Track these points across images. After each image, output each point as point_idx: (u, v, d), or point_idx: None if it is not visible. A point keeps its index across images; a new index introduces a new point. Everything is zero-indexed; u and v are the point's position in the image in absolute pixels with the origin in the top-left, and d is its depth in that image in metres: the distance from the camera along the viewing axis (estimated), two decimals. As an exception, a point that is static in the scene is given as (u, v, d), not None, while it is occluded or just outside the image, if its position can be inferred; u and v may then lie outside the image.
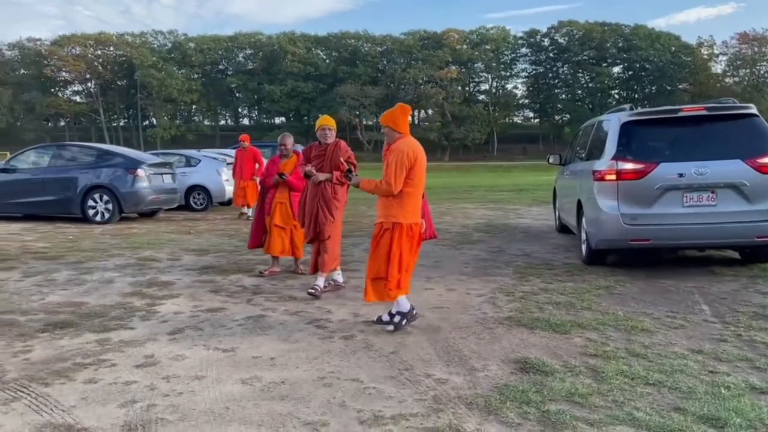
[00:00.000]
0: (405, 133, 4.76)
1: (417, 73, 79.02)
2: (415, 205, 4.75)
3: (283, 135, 7.09)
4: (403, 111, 4.80)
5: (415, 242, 4.79)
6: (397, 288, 4.72)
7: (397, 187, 4.61)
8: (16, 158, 12.70)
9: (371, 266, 4.78)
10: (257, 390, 3.66)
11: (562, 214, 9.57)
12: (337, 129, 6.40)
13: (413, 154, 4.66)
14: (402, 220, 4.67)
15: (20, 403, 3.50)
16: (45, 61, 78.54)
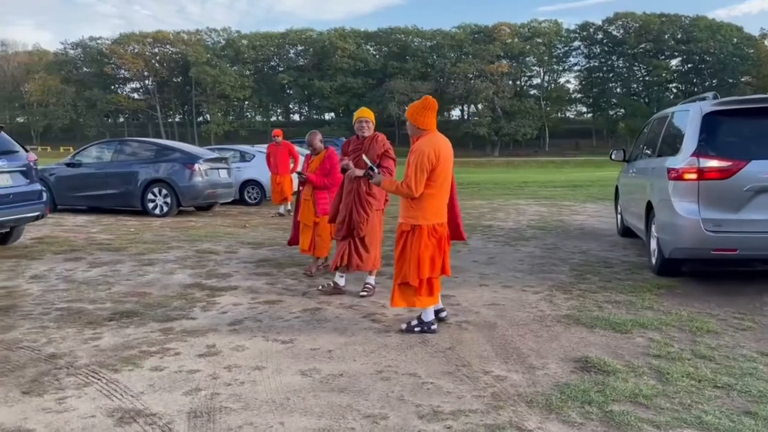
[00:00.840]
0: (429, 129, 4.46)
1: (467, 67, 78.32)
2: (437, 205, 4.52)
3: (310, 133, 6.92)
4: (425, 105, 4.48)
5: (440, 244, 4.55)
6: (428, 294, 4.56)
7: (418, 190, 4.39)
8: (81, 153, 13.21)
9: (397, 270, 4.60)
10: (316, 381, 3.71)
11: (626, 216, 8.71)
12: (385, 124, 6.24)
13: (435, 155, 4.39)
14: (422, 222, 4.47)
15: (92, 388, 3.65)
16: (106, 60, 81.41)
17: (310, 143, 6.77)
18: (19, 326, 4.87)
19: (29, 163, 7.94)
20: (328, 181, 6.54)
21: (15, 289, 6.06)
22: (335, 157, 6.59)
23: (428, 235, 4.48)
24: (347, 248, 5.73)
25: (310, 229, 6.72)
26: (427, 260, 4.48)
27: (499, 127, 77.01)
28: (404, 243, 4.54)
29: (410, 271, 4.48)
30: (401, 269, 4.56)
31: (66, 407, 3.39)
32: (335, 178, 6.47)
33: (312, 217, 6.66)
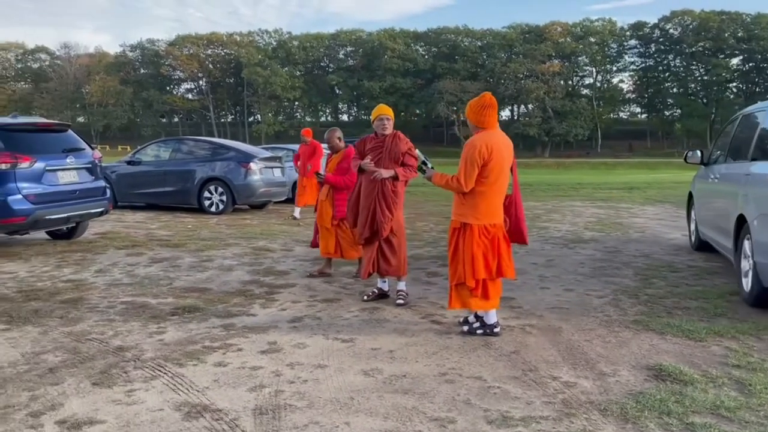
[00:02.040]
0: (488, 128, 4.32)
1: (518, 67, 77.32)
2: (489, 205, 4.36)
3: (329, 131, 6.60)
4: (483, 103, 4.32)
5: (493, 245, 4.38)
6: (483, 297, 4.42)
7: (468, 185, 4.27)
8: (141, 152, 13.58)
9: (452, 271, 4.48)
10: (379, 382, 3.66)
11: (703, 229, 7.37)
12: (434, 124, 5.96)
13: (488, 150, 4.25)
14: (472, 221, 4.33)
15: (159, 382, 3.70)
16: (162, 61, 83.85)
17: (328, 141, 6.51)
18: (87, 319, 5.00)
19: (95, 160, 8.19)
20: (347, 180, 6.22)
21: (82, 283, 6.24)
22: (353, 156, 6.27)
23: (479, 234, 4.35)
24: (375, 253, 5.53)
25: (330, 233, 6.41)
26: (480, 260, 4.34)
27: (549, 127, 75.73)
28: (456, 242, 4.44)
29: (465, 271, 4.38)
30: (456, 269, 4.45)
31: (135, 400, 3.44)
32: (354, 178, 6.09)
33: (329, 219, 6.38)
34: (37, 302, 5.46)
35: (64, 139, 7.98)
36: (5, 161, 7.02)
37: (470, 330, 4.53)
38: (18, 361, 4.02)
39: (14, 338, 4.49)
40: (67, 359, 4.07)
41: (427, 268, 7.03)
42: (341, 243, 6.38)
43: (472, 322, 4.61)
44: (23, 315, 5.05)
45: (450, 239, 4.51)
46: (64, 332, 4.64)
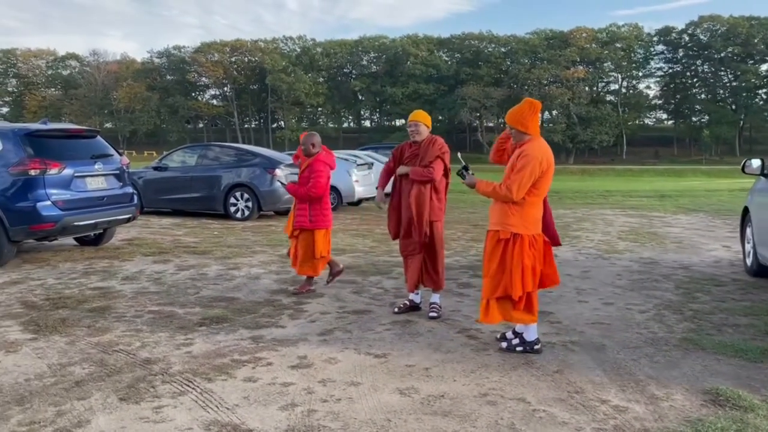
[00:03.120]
0: (535, 134, 4.21)
1: (542, 73, 76.65)
2: (537, 215, 4.23)
3: (308, 134, 6.14)
4: (531, 108, 4.20)
5: (541, 256, 4.23)
6: (527, 310, 4.24)
7: (519, 195, 4.11)
8: (167, 157, 13.59)
9: (493, 283, 4.25)
10: (417, 402, 3.48)
11: (765, 252, 6.29)
12: (457, 130, 5.60)
13: (546, 162, 4.14)
14: (523, 231, 4.16)
15: (187, 398, 3.57)
16: (188, 68, 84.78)
17: (303, 144, 6.07)
18: (114, 329, 4.90)
19: (122, 166, 8.15)
20: (305, 191, 5.88)
21: (109, 290, 6.16)
22: (317, 164, 5.91)
23: (529, 245, 4.19)
24: (419, 266, 5.34)
25: (294, 242, 6.11)
26: (530, 271, 4.18)
27: (574, 134, 74.87)
28: (503, 253, 4.22)
29: (512, 284, 4.17)
30: (499, 281, 4.22)
31: (163, 417, 3.31)
32: (314, 188, 5.85)
33: (291, 228, 6.10)
34: (64, 310, 5.39)
35: (92, 145, 7.96)
36: (35, 167, 7.00)
37: (509, 347, 4.33)
38: (45, 373, 3.92)
39: (41, 348, 4.40)
40: (94, 372, 3.96)
41: (457, 278, 6.84)
42: (298, 255, 6.05)
43: (510, 338, 4.41)
44: (50, 324, 4.97)
45: (492, 250, 4.27)
46: (91, 343, 4.54)
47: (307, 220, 5.97)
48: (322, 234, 6.03)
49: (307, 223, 5.97)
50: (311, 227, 5.98)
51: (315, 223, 5.99)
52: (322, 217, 6.02)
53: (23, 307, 5.52)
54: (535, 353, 4.26)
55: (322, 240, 6.04)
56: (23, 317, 5.18)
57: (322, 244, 6.02)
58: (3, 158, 7.11)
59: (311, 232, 6.00)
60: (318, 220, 5.99)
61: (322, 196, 6.00)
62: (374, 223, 12.11)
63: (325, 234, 6.08)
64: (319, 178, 5.90)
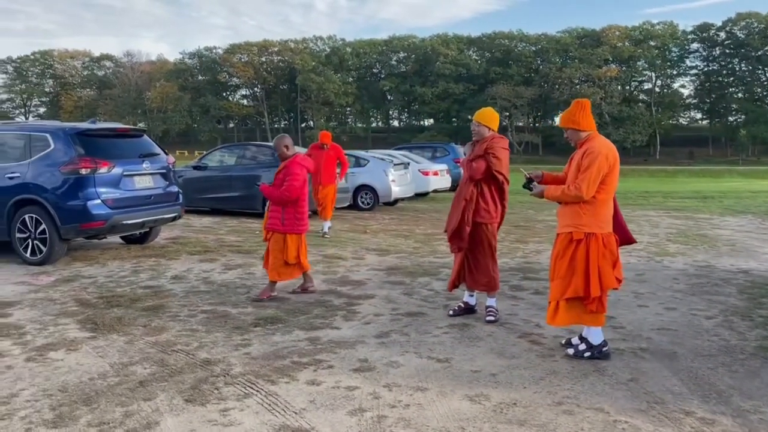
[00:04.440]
0: (592, 130, 4.17)
1: (573, 72, 75.58)
2: (608, 212, 4.13)
3: (277, 137, 6.05)
4: (580, 107, 4.19)
5: (614, 256, 4.12)
6: (600, 311, 4.11)
7: (590, 193, 4.01)
8: (207, 157, 13.66)
9: (563, 285, 4.13)
10: (489, 410, 3.36)
11: None
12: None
13: (612, 157, 4.07)
14: (596, 230, 4.06)
15: (252, 400, 3.51)
16: (219, 68, 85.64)
17: (276, 148, 5.96)
18: (170, 328, 4.88)
19: (169, 165, 8.17)
20: (280, 194, 5.70)
21: (160, 289, 6.16)
22: (293, 167, 5.76)
23: (604, 243, 4.08)
24: (458, 265, 5.22)
25: (267, 244, 5.94)
26: (609, 270, 4.07)
27: (606, 133, 73.53)
28: (574, 253, 4.10)
29: (586, 284, 4.05)
30: (569, 283, 4.11)
31: (231, 420, 3.25)
32: (288, 192, 5.68)
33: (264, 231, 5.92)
34: (119, 309, 5.39)
35: (140, 144, 8.00)
36: (86, 166, 7.05)
37: (576, 353, 4.19)
38: (107, 373, 3.90)
39: (101, 347, 4.39)
40: (156, 372, 3.93)
41: (508, 281, 6.69)
42: (270, 259, 5.85)
43: (577, 344, 4.26)
44: (107, 322, 4.97)
45: (562, 251, 4.16)
46: (150, 342, 4.52)
47: (279, 222, 5.77)
48: (294, 239, 5.83)
49: (280, 226, 5.77)
50: (283, 230, 5.78)
51: (287, 226, 5.79)
52: (295, 221, 5.81)
53: (78, 305, 5.54)
54: (604, 357, 4.12)
55: (294, 245, 5.82)
56: (79, 315, 5.20)
57: (293, 250, 5.81)
58: (54, 157, 7.18)
59: (283, 236, 5.79)
60: (291, 224, 5.79)
61: (298, 199, 5.79)
62: (413, 224, 12.00)
63: (297, 239, 5.86)
64: (294, 180, 5.69)
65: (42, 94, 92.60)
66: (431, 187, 17.56)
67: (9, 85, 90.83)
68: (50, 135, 7.32)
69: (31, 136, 7.45)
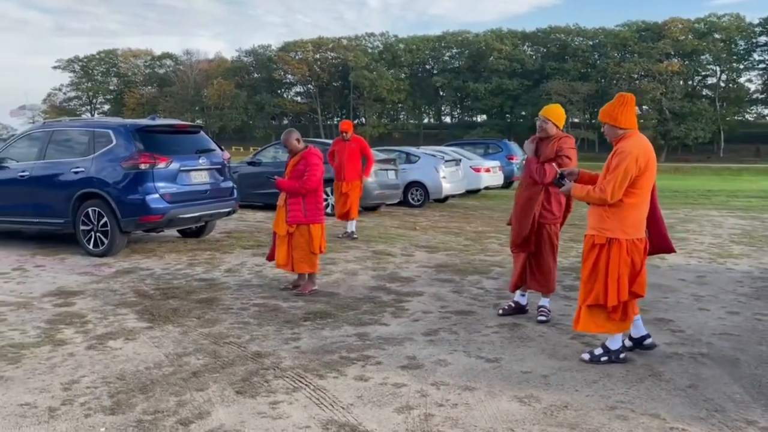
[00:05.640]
0: (631, 128, 3.90)
1: (632, 67, 73.34)
2: (638, 217, 3.90)
3: (285, 132, 6.04)
4: (622, 102, 3.93)
5: (639, 261, 3.93)
6: (622, 319, 3.97)
7: (614, 197, 3.81)
8: (261, 153, 13.91)
9: (586, 289, 4.01)
10: (539, 412, 3.30)
11: None
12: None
13: (644, 159, 3.81)
14: (620, 235, 3.86)
15: (301, 394, 3.54)
16: (274, 66, 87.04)
17: (285, 143, 5.94)
18: (223, 320, 4.99)
19: (224, 161, 8.36)
20: (301, 186, 5.71)
21: (214, 282, 6.31)
22: (311, 158, 5.77)
23: (627, 250, 3.89)
24: (521, 266, 5.10)
25: (284, 241, 5.87)
26: (626, 279, 3.89)
27: (666, 130, 71.22)
28: (596, 258, 3.97)
29: (605, 292, 3.91)
30: (592, 288, 3.98)
31: (280, 413, 3.29)
32: (309, 182, 5.71)
33: (284, 225, 5.85)
34: (174, 301, 5.55)
35: (197, 140, 8.20)
36: (145, 161, 7.27)
37: (592, 358, 4.07)
38: (162, 363, 4.02)
39: (157, 337, 4.53)
40: (208, 363, 4.02)
41: (561, 281, 6.53)
42: (293, 254, 5.85)
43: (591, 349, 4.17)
44: (163, 314, 5.12)
45: (587, 255, 4.03)
46: (203, 333, 4.63)
47: (302, 214, 5.80)
48: (318, 228, 5.89)
49: (302, 218, 5.80)
50: (306, 222, 5.83)
51: (310, 217, 5.84)
52: (317, 211, 5.88)
53: (136, 296, 5.74)
54: (620, 362, 4.00)
55: (318, 234, 5.87)
56: (137, 306, 5.37)
57: (317, 239, 5.86)
58: (115, 153, 7.44)
59: (307, 226, 5.83)
60: (312, 215, 5.85)
61: (317, 190, 5.84)
62: (464, 221, 11.90)
63: (320, 228, 5.92)
64: (316, 170, 5.76)
65: (106, 91, 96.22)
66: (483, 184, 17.36)
67: (76, 83, 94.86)
68: (112, 131, 7.59)
69: (94, 132, 7.74)
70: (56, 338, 4.49)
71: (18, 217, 8.10)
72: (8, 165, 8.20)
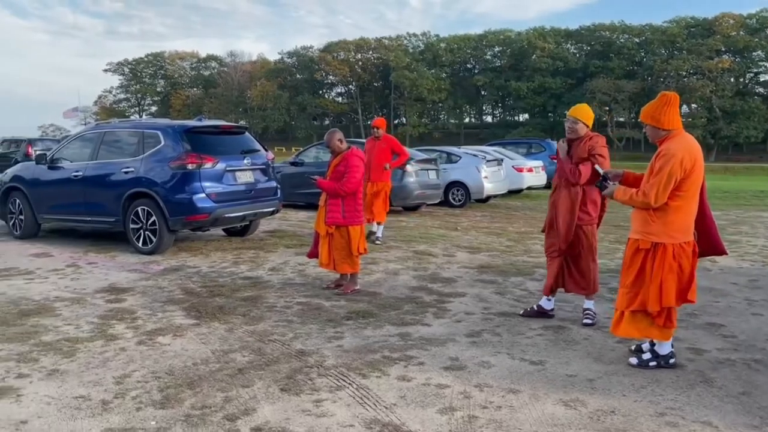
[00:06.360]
0: (674, 129, 3.79)
1: (680, 64, 71.33)
2: (685, 220, 3.78)
3: (328, 132, 6.08)
4: (665, 102, 3.81)
5: (687, 265, 3.80)
6: (667, 325, 3.87)
7: (658, 201, 3.70)
8: (303, 153, 14.07)
9: (629, 295, 3.89)
10: (585, 417, 3.25)
11: None
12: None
13: (690, 160, 3.68)
14: (665, 240, 3.75)
15: (344, 393, 3.57)
16: (315, 66, 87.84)
17: (328, 143, 5.97)
18: (267, 318, 5.06)
19: (268, 161, 8.48)
20: (340, 187, 5.74)
21: (258, 280, 6.41)
22: (352, 159, 5.79)
23: (674, 255, 3.78)
24: (557, 269, 5.02)
25: (326, 241, 5.92)
26: (672, 285, 3.78)
27: (716, 129, 69.05)
28: (642, 263, 3.86)
29: (650, 298, 3.81)
30: (636, 294, 3.88)
31: (324, 411, 3.33)
32: (349, 184, 5.72)
33: (324, 226, 5.89)
34: (220, 298, 5.66)
35: (242, 141, 8.35)
36: (192, 162, 7.44)
37: (640, 362, 3.98)
38: (209, 359, 4.11)
39: (204, 334, 4.63)
40: (253, 360, 4.09)
41: (607, 283, 6.43)
42: (334, 255, 5.90)
43: (645, 350, 4.07)
44: (210, 311, 5.23)
45: (631, 260, 3.93)
46: (248, 331, 4.71)
47: (340, 216, 5.82)
48: (357, 230, 5.90)
49: (341, 219, 5.83)
50: (345, 223, 5.85)
51: (349, 219, 5.85)
52: (355, 212, 5.89)
53: (184, 293, 5.87)
54: (670, 368, 3.90)
55: (357, 236, 5.88)
56: (185, 303, 5.50)
57: (356, 240, 5.87)
58: (164, 153, 7.63)
59: (346, 228, 5.86)
60: (351, 216, 5.86)
61: (356, 191, 5.84)
62: (506, 221, 11.78)
63: (359, 230, 5.93)
64: (356, 172, 5.77)
65: (154, 93, 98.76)
66: (525, 184, 17.16)
67: (125, 85, 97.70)
68: (161, 132, 7.79)
69: (144, 133, 7.96)
70: (108, 333, 4.64)
71: (72, 215, 8.39)
72: (63, 165, 8.50)
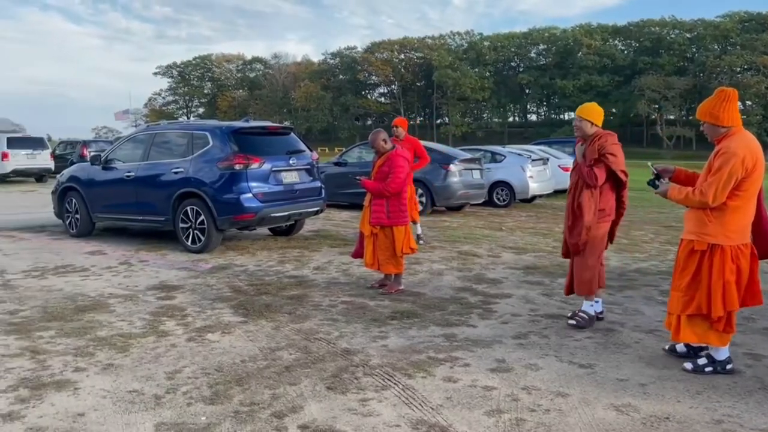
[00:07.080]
0: (734, 126, 3.67)
1: (734, 60, 69.05)
2: (743, 221, 3.65)
3: (372, 132, 6.03)
4: (723, 98, 3.68)
5: (746, 267, 3.67)
6: (727, 330, 3.73)
7: (717, 200, 3.58)
8: (347, 153, 14.15)
9: (685, 298, 3.78)
10: (637, 423, 3.16)
11: None
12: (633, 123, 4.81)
13: (752, 159, 3.55)
14: (723, 242, 3.63)
15: (390, 393, 3.57)
16: (358, 67, 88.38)
17: (373, 143, 5.91)
18: (313, 317, 5.11)
19: (313, 162, 8.56)
20: (384, 188, 5.70)
21: (304, 279, 6.47)
22: (396, 159, 5.74)
23: (732, 257, 3.65)
24: (571, 270, 4.93)
25: (370, 241, 5.91)
26: (733, 288, 3.66)
27: (772, 127, 66.49)
28: (697, 266, 3.74)
29: (711, 302, 3.68)
30: (693, 297, 3.76)
31: (370, 411, 3.33)
32: (394, 184, 5.66)
33: (369, 226, 5.87)
34: (267, 296, 5.74)
35: (287, 141, 8.45)
36: (239, 162, 7.57)
37: (695, 368, 3.84)
38: (257, 356, 4.16)
39: (251, 332, 4.70)
40: (300, 358, 4.13)
41: (658, 285, 6.26)
42: (378, 255, 5.88)
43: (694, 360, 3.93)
44: (257, 309, 5.31)
45: (685, 262, 3.81)
46: (294, 329, 4.76)
47: (384, 216, 5.78)
48: (402, 230, 5.85)
49: (385, 220, 5.79)
50: (389, 223, 5.81)
51: (393, 219, 5.80)
52: (400, 213, 5.83)
53: (231, 291, 5.98)
54: (726, 373, 3.76)
55: (401, 236, 5.83)
56: (233, 301, 5.60)
57: (401, 241, 5.83)
58: (212, 154, 7.79)
59: (390, 228, 5.82)
60: (396, 217, 5.81)
61: (401, 192, 5.79)
62: (552, 221, 11.59)
63: (404, 230, 5.87)
64: (401, 173, 5.72)
65: (201, 95, 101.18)
66: (572, 183, 16.83)
67: (174, 88, 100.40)
68: (209, 133, 7.95)
69: (193, 134, 8.14)
70: (159, 330, 4.75)
71: (124, 214, 8.65)
72: (116, 166, 8.77)
